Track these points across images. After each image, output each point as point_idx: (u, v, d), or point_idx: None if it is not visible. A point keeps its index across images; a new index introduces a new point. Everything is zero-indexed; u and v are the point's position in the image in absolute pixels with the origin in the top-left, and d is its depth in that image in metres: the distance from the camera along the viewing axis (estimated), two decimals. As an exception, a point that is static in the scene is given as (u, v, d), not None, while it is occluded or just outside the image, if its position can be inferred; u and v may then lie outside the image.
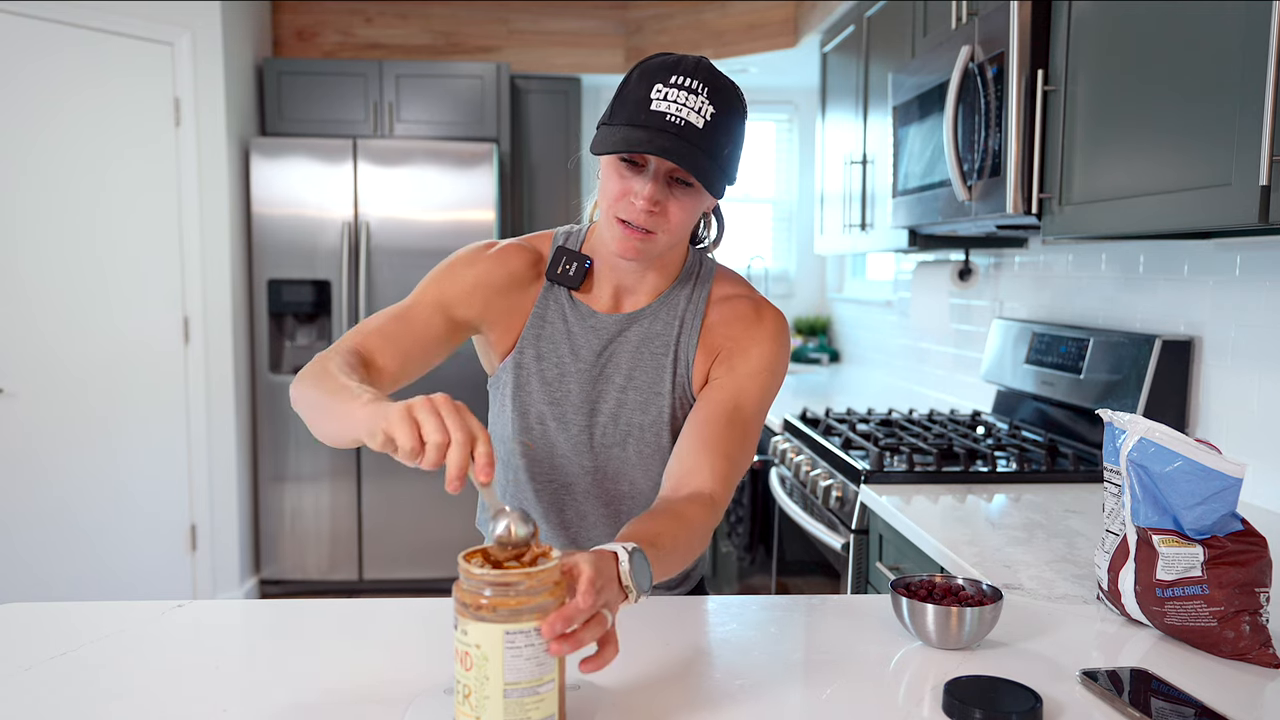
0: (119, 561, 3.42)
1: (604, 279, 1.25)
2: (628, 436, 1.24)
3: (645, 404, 1.23)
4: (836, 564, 2.12)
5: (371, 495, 3.90)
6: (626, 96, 1.10)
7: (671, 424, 1.24)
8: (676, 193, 1.11)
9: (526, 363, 1.24)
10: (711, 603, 1.22)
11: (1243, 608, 1.04)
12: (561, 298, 1.25)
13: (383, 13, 4.24)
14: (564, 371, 1.24)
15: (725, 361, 1.22)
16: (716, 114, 1.08)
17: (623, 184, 1.12)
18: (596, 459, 1.25)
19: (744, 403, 1.18)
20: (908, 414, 2.67)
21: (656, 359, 1.24)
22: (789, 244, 4.82)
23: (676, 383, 1.23)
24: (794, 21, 3.94)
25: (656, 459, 1.25)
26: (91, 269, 3.28)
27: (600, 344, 1.24)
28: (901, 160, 2.49)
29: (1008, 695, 0.90)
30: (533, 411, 1.25)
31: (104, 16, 3.24)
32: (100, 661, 1.01)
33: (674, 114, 1.06)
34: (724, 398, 1.18)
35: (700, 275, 1.27)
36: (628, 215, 1.11)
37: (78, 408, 3.27)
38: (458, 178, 3.82)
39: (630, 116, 1.09)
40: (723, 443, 1.14)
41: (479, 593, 0.79)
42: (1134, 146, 1.58)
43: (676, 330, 1.24)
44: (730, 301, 1.26)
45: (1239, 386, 1.82)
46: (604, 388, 1.24)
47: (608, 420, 1.24)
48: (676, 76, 1.08)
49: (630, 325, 1.24)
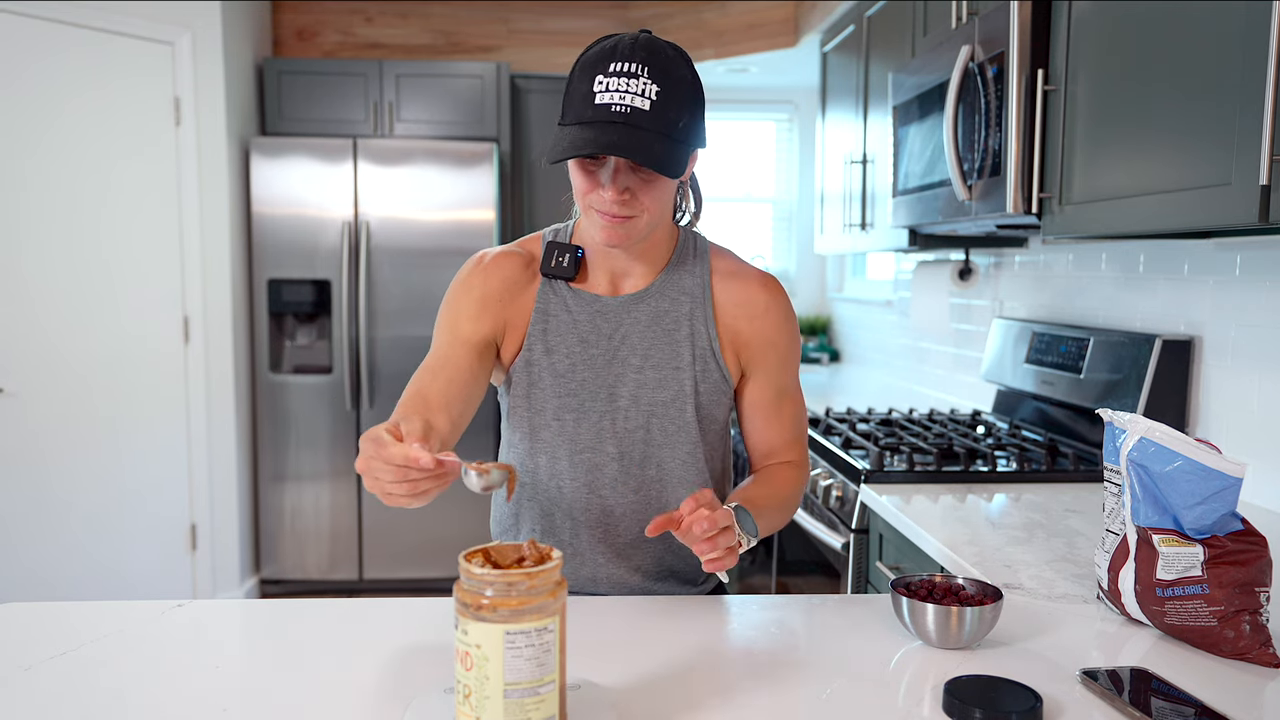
0: (119, 561, 3.42)
1: (598, 266, 1.25)
2: (651, 416, 1.24)
3: (664, 381, 1.24)
4: (836, 564, 2.12)
5: (371, 495, 3.89)
6: (573, 94, 1.11)
7: (695, 399, 1.24)
8: (643, 175, 1.12)
9: (536, 359, 1.24)
10: (712, 602, 1.22)
11: (1243, 607, 1.04)
12: (561, 290, 1.25)
13: (383, 12, 4.24)
14: (575, 362, 1.24)
15: (758, 359, 1.27)
16: (662, 90, 1.08)
17: (588, 179, 1.13)
18: (620, 444, 1.25)
19: (785, 383, 1.30)
20: (908, 414, 2.68)
21: (670, 335, 1.24)
22: (789, 244, 4.82)
23: (698, 355, 1.24)
24: (794, 21, 3.94)
25: (681, 437, 1.25)
26: (91, 269, 3.28)
27: (610, 327, 1.24)
28: (901, 160, 2.49)
29: (1008, 695, 0.90)
30: (550, 408, 1.24)
31: (104, 16, 3.24)
32: (100, 661, 1.01)
33: (618, 104, 1.07)
34: (769, 385, 1.29)
35: (696, 253, 1.28)
36: (600, 207, 1.13)
37: (78, 407, 3.27)
38: (458, 177, 3.82)
39: (578, 114, 1.09)
40: (785, 418, 1.31)
41: (480, 593, 0.79)
42: (1134, 146, 1.58)
43: (688, 307, 1.25)
44: (734, 280, 1.27)
45: (1239, 386, 1.82)
46: (620, 370, 1.24)
47: (629, 403, 1.24)
48: (615, 63, 1.08)
49: (637, 305, 1.25)
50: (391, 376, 3.86)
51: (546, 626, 0.79)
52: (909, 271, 3.48)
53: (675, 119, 1.09)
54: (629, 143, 1.06)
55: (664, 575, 1.31)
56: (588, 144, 1.06)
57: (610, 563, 1.28)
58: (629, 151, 1.06)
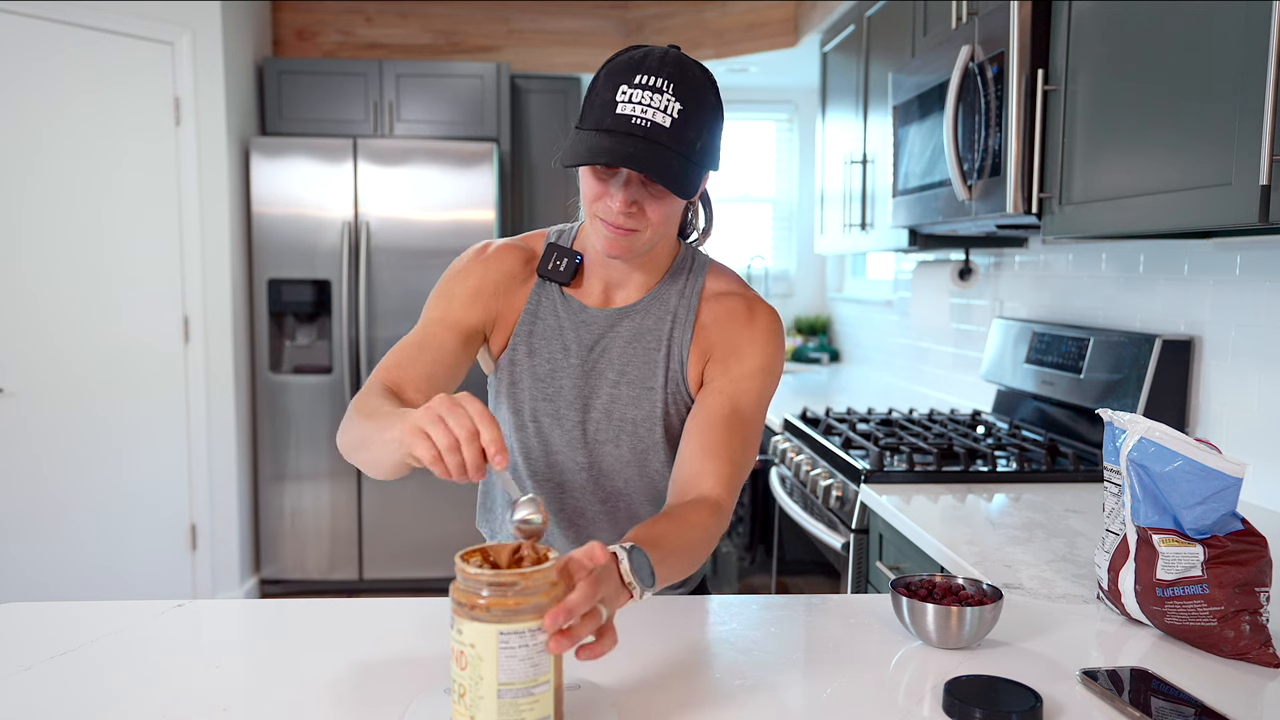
0: (119, 561, 3.42)
1: (594, 274, 1.25)
2: (620, 432, 1.24)
3: (638, 399, 1.23)
4: (836, 564, 2.12)
5: (371, 495, 3.90)
6: (594, 99, 1.10)
7: (664, 420, 1.24)
8: (653, 191, 1.12)
9: (519, 359, 1.25)
10: (711, 602, 1.22)
11: (1243, 607, 1.04)
12: (554, 294, 1.26)
13: (383, 12, 4.23)
14: (555, 367, 1.24)
15: (720, 363, 1.21)
16: (685, 109, 1.07)
17: (599, 186, 1.12)
18: (590, 455, 1.25)
19: (742, 405, 1.18)
20: (908, 414, 2.67)
21: (649, 354, 1.24)
22: (789, 244, 4.82)
23: (670, 378, 1.23)
24: (794, 21, 3.94)
25: (650, 455, 1.25)
26: (91, 269, 3.28)
27: (591, 339, 1.24)
28: (901, 160, 2.49)
29: (1008, 695, 0.90)
30: (526, 408, 1.25)
31: (104, 16, 3.24)
32: (100, 661, 1.01)
33: (639, 116, 1.06)
34: (722, 401, 1.17)
35: (692, 270, 1.27)
36: (606, 216, 1.12)
37: (78, 407, 3.27)
38: (458, 177, 3.82)
39: (597, 121, 1.08)
40: (725, 447, 1.14)
41: (476, 593, 0.79)
42: (1134, 146, 1.58)
43: (669, 326, 1.24)
44: (723, 299, 1.25)
45: (1239, 386, 1.82)
46: (596, 383, 1.24)
47: (601, 416, 1.24)
48: (641, 75, 1.07)
49: (621, 320, 1.24)
50: (391, 376, 3.86)
51: (541, 627, 0.79)
52: (909, 271, 3.48)
53: (694, 140, 1.08)
54: (645, 157, 1.05)
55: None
56: (604, 153, 1.05)
57: None
58: (644, 166, 1.05)
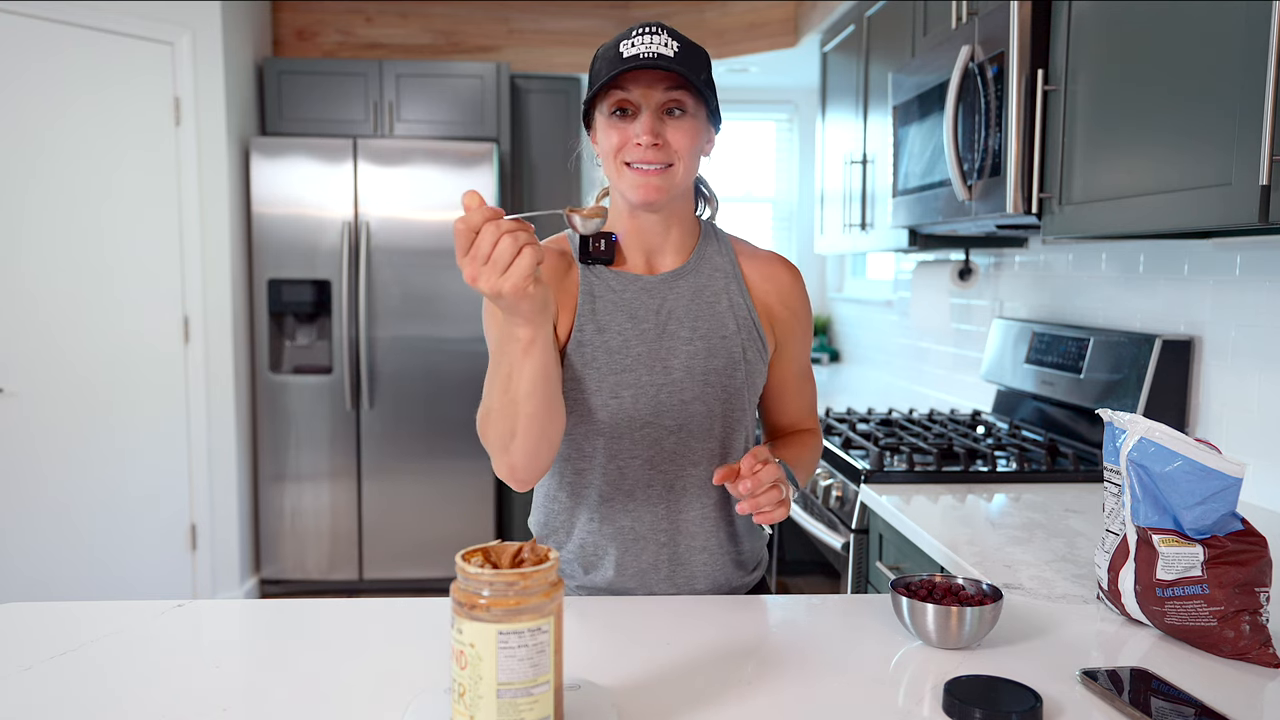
0: (119, 561, 3.42)
1: (633, 248, 1.28)
2: (705, 386, 1.25)
3: (714, 350, 1.26)
4: (836, 564, 2.12)
5: (371, 495, 3.90)
6: (599, 65, 1.20)
7: (744, 366, 1.28)
8: (672, 123, 1.18)
9: (588, 339, 1.24)
10: (711, 603, 1.22)
11: (1243, 607, 1.04)
12: (603, 273, 1.27)
13: (383, 12, 4.23)
14: (627, 338, 1.25)
15: (789, 332, 1.34)
16: (683, 47, 1.17)
17: (621, 133, 1.18)
18: (678, 417, 1.25)
19: (807, 361, 1.40)
20: (908, 414, 2.67)
21: (713, 307, 1.28)
22: (789, 244, 4.82)
23: (740, 325, 1.28)
24: (794, 21, 3.94)
25: (734, 404, 1.27)
26: (91, 269, 3.28)
27: (655, 303, 1.26)
28: (901, 160, 2.49)
29: (1008, 695, 0.90)
30: (606, 386, 1.23)
31: (104, 16, 3.24)
32: (100, 661, 1.01)
33: (645, 52, 1.15)
34: (797, 367, 1.38)
35: (719, 238, 1.35)
36: (633, 158, 1.17)
37: (78, 407, 3.27)
38: (458, 177, 3.82)
39: (609, 70, 1.16)
40: (807, 396, 1.41)
41: (476, 592, 0.79)
42: (1134, 146, 1.58)
43: (723, 280, 1.30)
44: (758, 259, 1.34)
45: (1239, 386, 1.82)
46: (671, 344, 1.25)
47: (683, 374, 1.25)
48: (635, 32, 1.18)
49: (677, 281, 1.28)
50: (391, 376, 3.86)
51: (540, 627, 0.79)
52: (909, 271, 3.48)
53: (699, 69, 1.18)
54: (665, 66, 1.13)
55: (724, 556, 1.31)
56: (628, 63, 1.13)
57: (673, 542, 1.27)
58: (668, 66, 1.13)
